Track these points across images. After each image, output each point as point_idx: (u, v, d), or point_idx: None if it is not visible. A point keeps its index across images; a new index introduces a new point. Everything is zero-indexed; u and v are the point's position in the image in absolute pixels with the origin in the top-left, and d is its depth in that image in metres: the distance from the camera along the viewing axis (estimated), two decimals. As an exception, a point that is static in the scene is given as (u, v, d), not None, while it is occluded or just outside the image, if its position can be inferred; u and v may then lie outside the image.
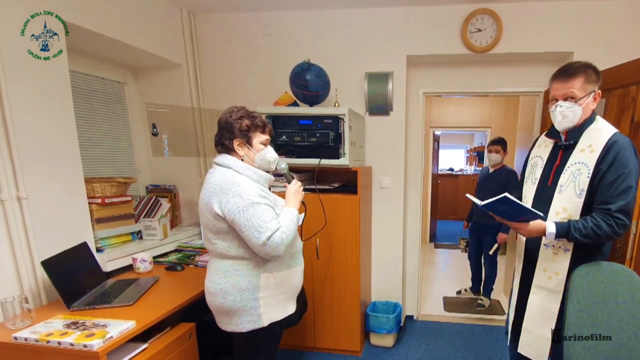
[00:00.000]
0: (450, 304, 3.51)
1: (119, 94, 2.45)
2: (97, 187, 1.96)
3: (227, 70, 2.69)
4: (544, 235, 1.44)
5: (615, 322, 1.48)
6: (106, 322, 1.46)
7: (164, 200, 2.39)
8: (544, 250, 1.53)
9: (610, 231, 1.36)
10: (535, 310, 1.57)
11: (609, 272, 1.51)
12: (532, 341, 1.60)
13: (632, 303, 1.48)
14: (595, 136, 1.42)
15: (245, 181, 1.40)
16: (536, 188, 1.56)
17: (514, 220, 1.48)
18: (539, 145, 1.65)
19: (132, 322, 1.46)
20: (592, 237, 1.37)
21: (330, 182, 2.46)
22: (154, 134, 2.39)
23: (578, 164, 1.42)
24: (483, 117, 5.69)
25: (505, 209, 1.41)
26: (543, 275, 1.54)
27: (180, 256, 2.30)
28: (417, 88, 2.79)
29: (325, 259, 2.43)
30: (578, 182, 1.40)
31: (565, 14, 2.41)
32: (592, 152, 1.40)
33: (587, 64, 1.42)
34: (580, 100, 1.40)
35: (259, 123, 1.48)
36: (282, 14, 2.59)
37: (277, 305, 1.53)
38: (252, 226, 1.35)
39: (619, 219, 1.35)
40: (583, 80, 1.39)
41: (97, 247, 1.98)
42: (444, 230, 6.72)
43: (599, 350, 1.47)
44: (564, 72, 1.43)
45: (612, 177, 1.34)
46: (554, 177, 1.49)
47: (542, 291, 1.55)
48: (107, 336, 1.35)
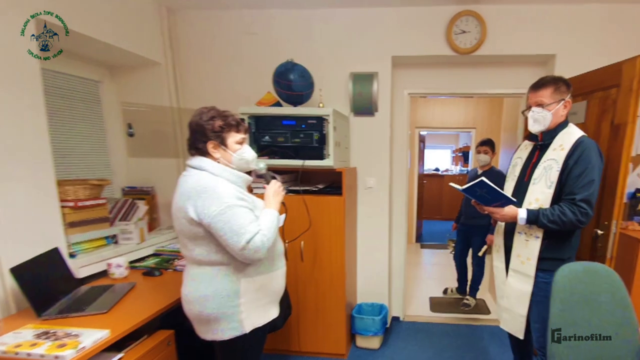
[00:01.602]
0: (436, 304, 3.52)
1: (94, 93, 2.36)
2: (70, 190, 1.87)
3: (208, 69, 2.62)
4: (516, 220, 1.64)
5: (597, 321, 1.49)
6: (79, 331, 1.40)
7: (142, 202, 2.30)
8: (517, 237, 1.74)
9: (574, 218, 1.54)
10: (512, 292, 1.79)
11: (590, 272, 1.53)
12: (511, 318, 1.82)
13: (613, 302, 1.51)
14: (566, 138, 1.64)
15: (222, 183, 1.35)
16: (515, 183, 1.80)
17: (490, 205, 1.69)
18: (521, 148, 1.89)
19: (106, 331, 1.40)
20: (559, 223, 1.56)
21: (315, 184, 2.43)
22: (130, 135, 2.30)
23: (550, 160, 1.64)
24: (468, 118, 5.75)
25: (482, 193, 1.62)
26: (517, 260, 1.75)
27: (158, 260, 2.22)
28: (402, 89, 2.78)
29: (310, 261, 2.39)
30: (549, 175, 1.62)
31: (548, 18, 2.44)
32: (562, 150, 1.62)
33: (558, 78, 1.69)
34: (549, 107, 1.65)
35: (232, 122, 1.42)
36: (265, 12, 2.54)
37: (258, 311, 1.48)
38: (230, 230, 1.29)
39: (582, 207, 1.54)
40: (552, 90, 1.65)
41: (70, 252, 1.90)
42: (430, 230, 6.77)
43: (581, 350, 1.48)
44: (536, 83, 1.70)
45: (578, 171, 1.55)
46: (530, 172, 1.72)
47: (517, 274, 1.76)
48: (80, 346, 1.29)
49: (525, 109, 1.75)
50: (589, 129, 2.09)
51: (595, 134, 2.04)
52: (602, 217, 1.99)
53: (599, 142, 2.00)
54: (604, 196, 1.98)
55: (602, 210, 1.99)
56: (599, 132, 2.01)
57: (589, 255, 2.07)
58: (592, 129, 2.06)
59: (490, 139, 3.25)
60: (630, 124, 1.81)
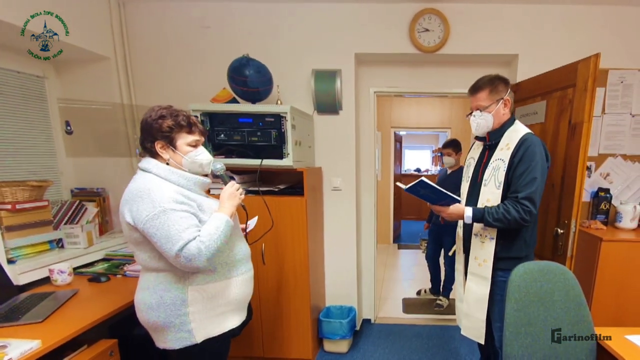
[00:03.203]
0: (409, 305, 3.49)
1: (38, 89, 2.22)
2: (7, 192, 1.76)
3: (161, 64, 2.51)
4: (463, 218, 1.64)
5: (552, 320, 1.49)
6: (7, 342, 1.30)
7: (91, 204, 2.19)
8: (474, 239, 1.72)
9: (518, 216, 1.53)
10: (471, 296, 1.76)
11: (545, 271, 1.53)
12: (471, 324, 1.79)
13: (567, 300, 1.51)
14: (513, 136, 1.62)
15: (160, 186, 1.26)
16: (469, 185, 1.78)
17: (435, 204, 1.68)
18: (473, 148, 1.88)
19: (36, 342, 1.30)
20: (503, 221, 1.55)
21: (277, 184, 2.36)
22: (68, 132, 2.17)
23: (498, 161, 1.63)
24: (443, 118, 5.77)
25: (426, 192, 1.59)
26: (474, 262, 1.73)
27: (107, 266, 2.11)
28: (368, 87, 2.74)
29: (273, 263, 2.31)
30: (497, 175, 1.61)
31: (509, 17, 2.43)
32: (508, 149, 1.60)
33: (494, 77, 1.65)
34: (488, 109, 1.64)
35: (182, 122, 1.33)
36: (220, 5, 2.44)
37: (212, 320, 1.39)
38: (163, 236, 1.20)
39: (525, 205, 1.52)
40: (488, 92, 1.63)
41: (8, 258, 1.78)
42: (408, 230, 6.77)
43: (536, 349, 1.46)
44: (472, 87, 1.69)
45: (522, 169, 1.54)
46: (482, 173, 1.71)
47: (475, 277, 1.73)
48: (5, 358, 1.20)
49: (469, 114, 1.73)
50: (549, 129, 2.08)
51: (554, 134, 2.04)
52: (562, 216, 1.99)
53: (558, 141, 2.00)
54: (563, 195, 1.98)
55: (562, 209, 1.99)
56: (557, 131, 2.01)
57: (551, 253, 2.06)
58: (552, 128, 2.06)
59: (453, 140, 3.25)
60: (586, 123, 1.81)
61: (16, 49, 2.03)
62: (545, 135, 2.08)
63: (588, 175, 2.56)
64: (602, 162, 2.57)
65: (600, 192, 2.52)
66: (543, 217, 2.08)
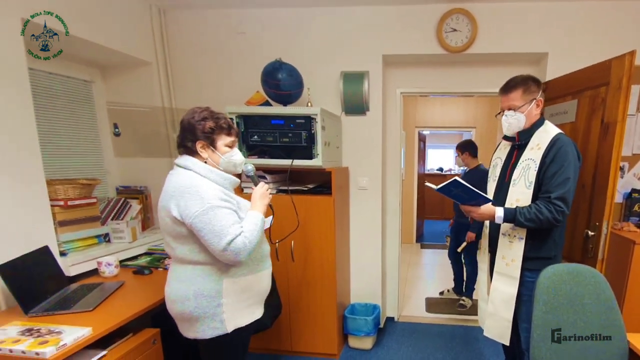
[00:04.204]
0: (432, 304, 3.50)
1: (86, 93, 2.39)
2: (60, 189, 1.90)
3: (199, 68, 2.63)
4: (493, 219, 1.63)
5: (582, 324, 1.47)
6: (61, 328, 1.41)
7: (135, 201, 2.33)
8: (502, 238, 1.72)
9: (551, 216, 1.53)
10: (497, 295, 1.75)
11: (574, 274, 1.51)
12: (496, 324, 1.79)
13: (597, 304, 1.48)
14: (543, 137, 1.62)
15: (206, 184, 1.35)
16: (496, 184, 1.79)
17: (466, 204, 1.68)
18: (499, 148, 1.87)
19: (87, 329, 1.41)
20: (536, 221, 1.54)
21: (306, 183, 2.43)
22: (116, 134, 2.33)
23: (528, 160, 1.63)
24: (468, 117, 5.70)
25: (458, 192, 1.61)
26: (502, 262, 1.72)
27: (150, 259, 2.24)
28: (395, 88, 2.77)
29: (301, 261, 2.39)
30: (527, 175, 1.61)
31: (540, 15, 2.41)
32: (539, 149, 1.60)
33: (526, 77, 1.65)
34: (521, 109, 1.63)
35: (223, 125, 1.43)
36: (255, 11, 2.54)
37: (242, 311, 1.48)
38: (211, 231, 1.30)
39: (558, 205, 1.52)
40: (521, 92, 1.63)
41: (61, 250, 1.92)
42: (431, 230, 6.72)
43: (565, 353, 1.46)
44: (505, 86, 1.68)
45: (554, 169, 1.54)
46: (510, 173, 1.71)
47: (502, 277, 1.73)
48: (61, 344, 1.30)
49: (499, 113, 1.73)
50: (579, 128, 2.06)
51: (585, 133, 2.01)
52: (593, 218, 1.96)
53: (589, 141, 1.97)
54: (595, 196, 1.95)
55: (593, 210, 1.96)
56: (589, 131, 1.98)
57: (580, 256, 2.03)
58: (583, 128, 2.03)
59: (464, 142, 3.31)
60: (619, 122, 1.77)
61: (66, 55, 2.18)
62: (575, 135, 2.05)
63: (621, 176, 2.51)
64: (635, 162, 2.51)
65: (634, 193, 2.47)
66: (572, 218, 2.04)
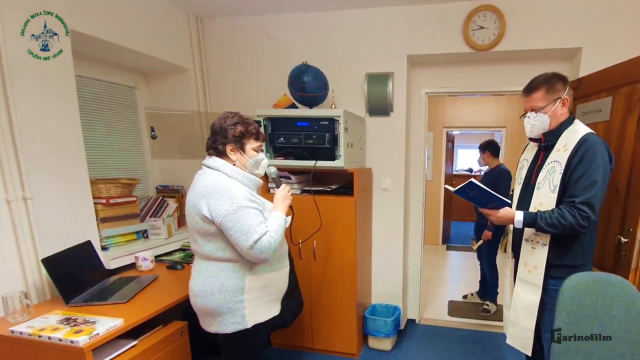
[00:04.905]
0: (455, 308, 3.45)
1: (130, 98, 2.55)
2: (102, 188, 2.04)
3: (232, 74, 2.75)
4: (513, 222, 1.57)
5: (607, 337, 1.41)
6: (96, 319, 1.51)
7: (172, 200, 2.47)
8: (524, 244, 1.65)
9: (574, 222, 1.43)
10: (520, 303, 1.69)
11: (602, 283, 1.43)
12: (518, 333, 1.72)
13: (627, 317, 1.40)
14: (571, 137, 1.53)
15: (235, 184, 1.43)
16: (521, 187, 1.72)
17: (485, 207, 1.62)
18: (527, 150, 1.80)
19: (120, 320, 1.50)
20: (558, 226, 1.46)
21: (330, 184, 2.47)
22: (153, 137, 2.47)
23: (553, 163, 1.55)
24: (498, 117, 5.52)
25: (475, 195, 1.54)
26: (524, 269, 1.65)
27: (183, 255, 2.37)
28: (420, 88, 2.75)
29: (323, 260, 2.44)
30: (552, 178, 1.53)
31: (572, 9, 2.30)
32: (565, 150, 1.51)
33: (550, 76, 1.55)
34: (544, 109, 1.55)
35: (252, 130, 1.51)
36: (282, 17, 2.61)
37: (262, 307, 1.55)
38: (240, 229, 1.37)
39: (583, 210, 1.42)
40: (544, 92, 1.54)
41: (102, 245, 2.07)
42: (458, 231, 6.59)
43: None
44: (527, 87, 1.60)
45: (581, 171, 1.44)
46: (535, 176, 1.63)
47: (524, 284, 1.66)
48: (94, 333, 1.39)
49: (523, 115, 1.64)
50: (614, 127, 1.95)
51: (620, 132, 1.91)
52: (626, 223, 1.86)
53: (624, 140, 1.87)
54: (629, 200, 1.85)
55: (627, 215, 1.87)
56: (624, 130, 1.87)
57: (612, 264, 1.95)
58: (617, 126, 1.92)
59: (485, 142, 3.37)
60: (658, 122, 1.68)
61: (112, 62, 2.35)
62: (609, 134, 1.95)
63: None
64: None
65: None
66: (604, 223, 1.95)
